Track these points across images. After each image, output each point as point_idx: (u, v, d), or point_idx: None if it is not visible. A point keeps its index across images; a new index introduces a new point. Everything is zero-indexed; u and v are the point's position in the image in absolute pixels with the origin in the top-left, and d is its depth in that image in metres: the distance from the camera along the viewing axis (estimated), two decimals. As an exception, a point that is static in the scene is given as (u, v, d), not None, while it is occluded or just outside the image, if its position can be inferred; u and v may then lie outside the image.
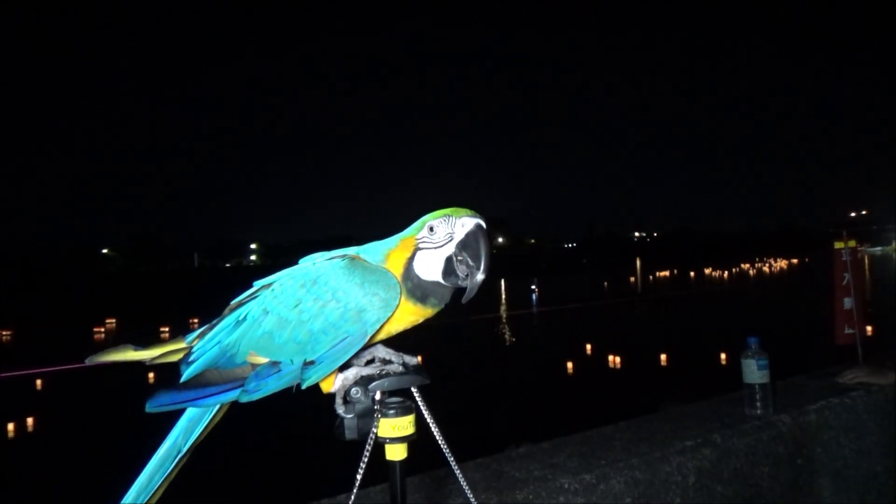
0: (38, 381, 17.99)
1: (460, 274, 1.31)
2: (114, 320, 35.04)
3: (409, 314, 1.34)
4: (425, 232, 1.33)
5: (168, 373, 1.47)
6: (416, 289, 1.32)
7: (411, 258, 1.33)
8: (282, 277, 1.39)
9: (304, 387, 1.33)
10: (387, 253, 1.37)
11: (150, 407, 1.38)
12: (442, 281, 1.32)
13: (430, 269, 1.33)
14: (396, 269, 1.33)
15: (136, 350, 1.44)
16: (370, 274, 1.30)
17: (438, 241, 1.32)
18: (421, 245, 1.33)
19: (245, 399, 1.35)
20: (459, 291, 1.33)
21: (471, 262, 1.30)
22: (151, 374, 17.33)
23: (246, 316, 1.38)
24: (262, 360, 1.34)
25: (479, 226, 1.32)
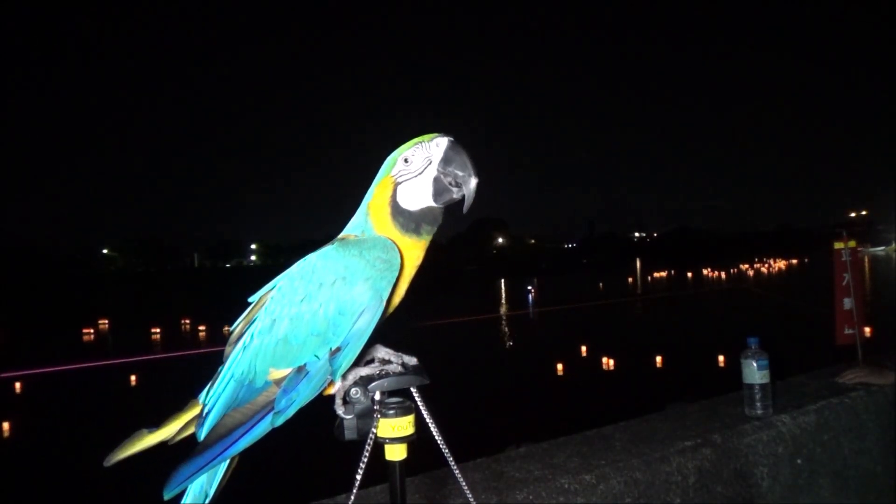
0: (18, 384, 17.54)
1: (452, 188, 1.33)
2: (107, 321, 34.72)
3: (413, 249, 1.34)
4: (400, 166, 1.35)
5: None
6: (409, 221, 1.33)
7: (393, 195, 1.34)
8: (276, 283, 1.37)
9: (336, 378, 1.29)
10: (366, 209, 1.37)
11: (171, 491, 1.28)
12: (433, 203, 1.34)
13: (416, 196, 1.34)
14: (383, 213, 1.34)
15: (150, 432, 1.35)
16: (364, 243, 1.30)
17: (417, 168, 1.34)
18: (399, 179, 1.34)
19: (280, 421, 1.29)
20: (452, 209, 1.36)
21: (460, 172, 1.32)
22: (133, 378, 17.20)
23: (252, 335, 1.34)
24: (286, 370, 1.29)
25: (452, 140, 1.34)
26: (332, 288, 1.25)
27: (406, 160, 1.34)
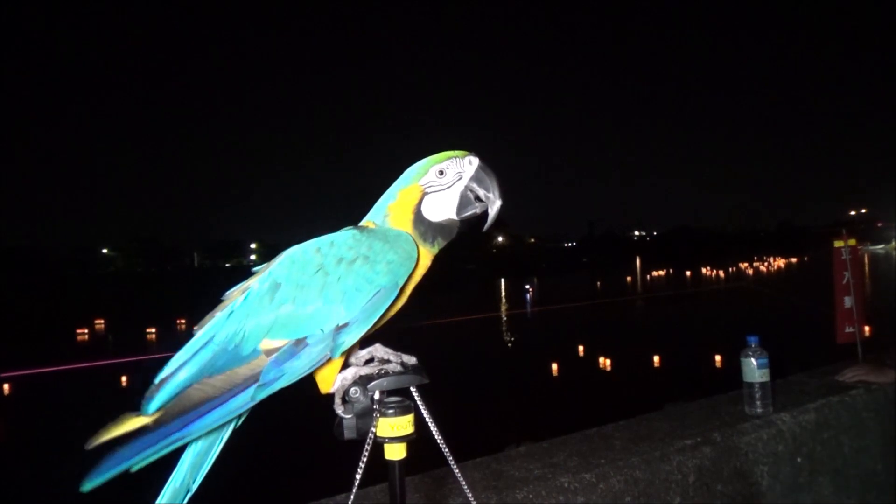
0: (6, 386, 17.52)
1: (477, 206, 1.39)
2: (102, 321, 34.51)
3: (423, 258, 1.36)
4: (432, 176, 1.38)
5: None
6: (428, 231, 1.37)
7: (419, 203, 1.37)
8: (286, 253, 1.34)
9: (335, 356, 1.24)
10: (387, 210, 1.39)
11: (99, 477, 1.17)
12: (455, 217, 1.39)
13: (441, 209, 1.38)
14: (405, 219, 1.37)
15: (137, 416, 1.26)
16: (388, 232, 1.34)
17: (448, 181, 1.38)
18: (428, 189, 1.38)
19: (263, 395, 1.21)
20: (467, 225, 1.42)
21: (488, 193, 1.38)
22: (124, 378, 17.15)
23: (246, 297, 1.29)
24: (282, 341, 1.22)
25: (483, 162, 1.40)
26: (353, 265, 1.25)
27: (441, 172, 1.38)
